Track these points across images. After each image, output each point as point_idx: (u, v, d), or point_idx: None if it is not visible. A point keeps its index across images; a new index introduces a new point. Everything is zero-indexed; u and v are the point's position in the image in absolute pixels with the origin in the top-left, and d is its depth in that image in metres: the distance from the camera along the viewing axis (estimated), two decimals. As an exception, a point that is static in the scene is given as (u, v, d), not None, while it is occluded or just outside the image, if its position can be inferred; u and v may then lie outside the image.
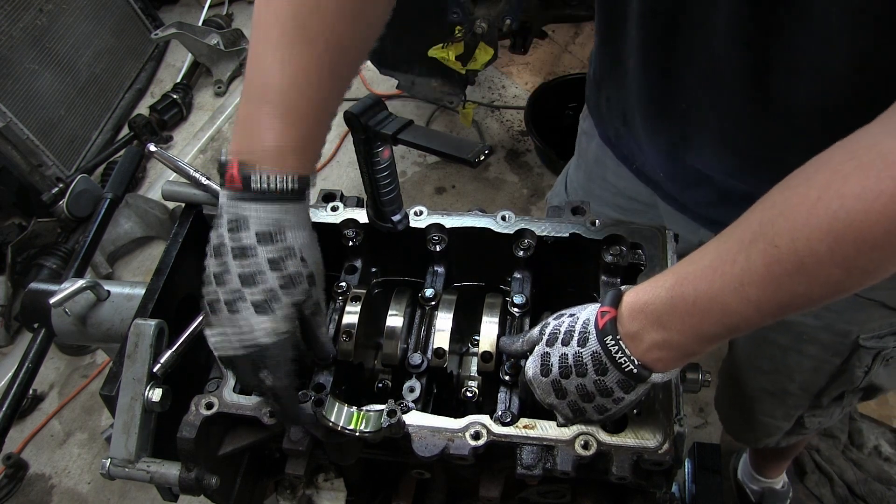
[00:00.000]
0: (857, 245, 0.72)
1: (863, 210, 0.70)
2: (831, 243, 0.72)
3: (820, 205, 0.73)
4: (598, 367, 0.92)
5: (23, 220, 3.31)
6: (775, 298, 0.78)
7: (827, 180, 0.74)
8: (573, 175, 1.69)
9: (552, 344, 0.98)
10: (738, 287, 0.79)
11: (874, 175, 0.70)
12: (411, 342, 1.23)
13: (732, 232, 0.82)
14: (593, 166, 1.56)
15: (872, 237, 0.71)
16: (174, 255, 1.26)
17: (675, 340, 0.86)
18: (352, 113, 1.07)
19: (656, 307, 0.87)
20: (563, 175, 1.77)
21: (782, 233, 0.75)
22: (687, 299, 0.83)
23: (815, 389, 1.55)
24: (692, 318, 0.83)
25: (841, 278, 0.75)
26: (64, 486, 2.77)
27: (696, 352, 0.88)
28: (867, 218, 0.70)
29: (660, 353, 0.88)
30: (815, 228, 0.73)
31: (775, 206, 0.79)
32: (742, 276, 0.78)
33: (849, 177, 0.72)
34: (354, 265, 1.34)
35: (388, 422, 1.00)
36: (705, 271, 0.82)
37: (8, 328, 3.08)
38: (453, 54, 2.76)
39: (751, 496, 2.48)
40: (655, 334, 0.87)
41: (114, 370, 1.15)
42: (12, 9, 3.30)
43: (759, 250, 0.77)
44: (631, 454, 0.99)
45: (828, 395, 1.56)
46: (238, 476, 1.23)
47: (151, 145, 1.31)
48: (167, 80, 4.23)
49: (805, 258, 0.74)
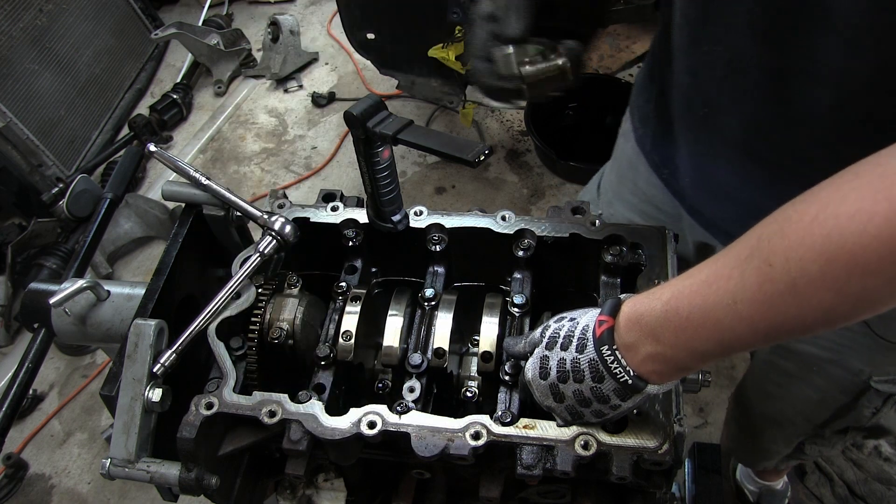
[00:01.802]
0: (848, 269, 0.68)
1: (856, 232, 0.67)
2: (823, 265, 0.69)
3: (815, 224, 0.70)
4: (595, 374, 0.92)
5: (23, 220, 3.31)
6: (767, 318, 0.75)
7: (827, 198, 0.71)
8: (607, 175, 1.68)
9: (551, 347, 0.98)
10: (731, 304, 0.76)
11: (870, 195, 0.67)
12: (411, 342, 1.23)
13: (732, 247, 0.80)
14: (626, 169, 1.54)
15: (865, 261, 0.67)
16: (174, 255, 1.26)
17: (668, 354, 0.85)
18: (352, 113, 1.07)
19: (651, 320, 0.86)
20: (599, 175, 1.75)
21: (777, 251, 0.73)
22: (681, 314, 0.82)
23: (818, 420, 1.51)
24: (685, 332, 0.82)
25: (833, 304, 0.71)
26: (64, 486, 2.77)
27: (691, 367, 0.87)
28: (859, 241, 0.67)
29: (654, 366, 0.87)
30: (808, 248, 0.70)
31: (776, 223, 0.76)
32: (735, 293, 0.76)
33: (847, 196, 0.69)
34: (354, 265, 1.34)
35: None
36: (701, 286, 0.80)
37: (8, 328, 3.08)
38: (453, 54, 2.76)
39: (749, 496, 2.48)
40: (650, 347, 0.86)
41: (114, 370, 1.15)
42: (12, 9, 3.30)
43: (754, 268, 0.75)
44: (631, 454, 0.99)
45: (831, 428, 1.52)
46: (238, 476, 1.23)
47: (151, 145, 1.31)
48: (167, 80, 4.24)
49: (797, 279, 0.71)
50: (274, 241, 1.20)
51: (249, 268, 1.17)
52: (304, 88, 4.08)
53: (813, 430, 1.56)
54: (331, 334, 1.22)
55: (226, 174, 3.74)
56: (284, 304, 1.21)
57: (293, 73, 4.11)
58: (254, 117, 3.99)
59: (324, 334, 1.23)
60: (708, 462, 1.81)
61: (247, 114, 4.02)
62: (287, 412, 1.06)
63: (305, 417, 1.05)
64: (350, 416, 1.05)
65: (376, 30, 2.92)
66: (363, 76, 4.04)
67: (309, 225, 1.30)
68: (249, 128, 3.95)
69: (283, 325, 1.19)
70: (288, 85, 4.09)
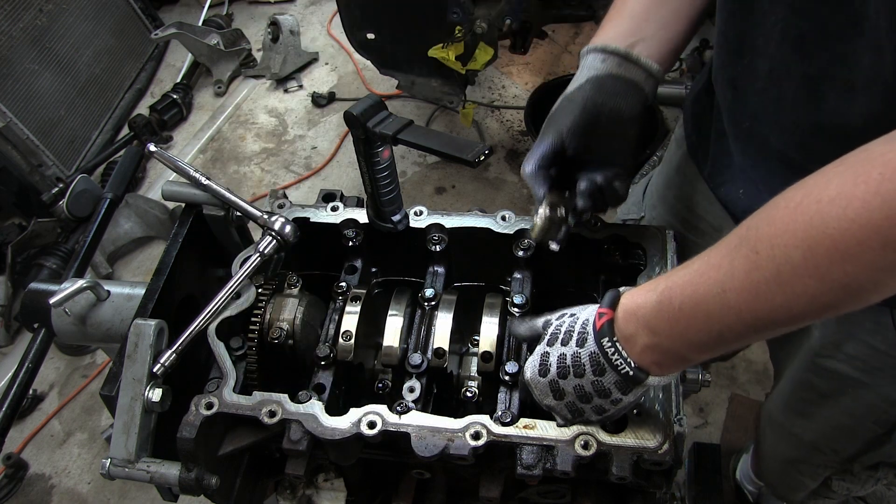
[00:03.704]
0: (829, 255, 0.67)
1: (836, 216, 0.66)
2: (806, 251, 0.69)
3: (799, 210, 0.70)
4: (596, 367, 0.92)
5: (23, 220, 3.30)
6: (754, 307, 0.75)
7: (812, 185, 0.71)
8: (655, 178, 1.67)
9: (552, 344, 0.98)
10: (720, 293, 0.77)
11: (851, 179, 0.67)
12: (411, 342, 1.23)
13: (726, 238, 0.80)
14: (674, 175, 1.53)
15: (845, 246, 0.66)
16: (174, 255, 1.26)
17: (664, 345, 0.86)
18: (352, 113, 1.07)
19: (646, 311, 0.86)
20: (647, 178, 1.73)
21: (763, 238, 0.73)
22: (673, 304, 0.82)
23: (846, 453, 1.48)
24: (679, 323, 0.82)
25: (817, 291, 0.70)
26: (64, 486, 2.77)
27: (690, 358, 0.87)
28: (839, 225, 0.66)
29: (653, 357, 0.88)
30: (792, 234, 0.70)
31: (765, 211, 0.76)
32: (724, 282, 0.76)
33: (830, 181, 0.69)
34: (354, 265, 1.34)
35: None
36: (693, 276, 0.81)
37: (8, 328, 3.08)
38: (453, 54, 2.75)
39: (749, 496, 2.47)
40: (646, 338, 0.87)
41: (114, 370, 1.15)
42: (12, 9, 3.30)
43: (742, 255, 0.75)
44: (631, 454, 0.99)
45: (861, 463, 1.49)
46: (238, 476, 1.23)
47: (151, 145, 1.31)
48: (167, 80, 4.23)
49: (781, 266, 0.71)
50: (274, 241, 1.20)
51: (249, 268, 1.17)
52: (304, 88, 4.08)
53: (841, 465, 1.51)
54: (331, 334, 1.22)
55: (226, 174, 3.74)
56: (284, 304, 1.21)
57: (293, 73, 4.11)
58: (254, 117, 3.99)
59: (324, 334, 1.23)
60: (708, 462, 1.81)
61: (247, 114, 4.02)
62: (287, 412, 1.06)
63: (305, 417, 1.05)
64: (350, 416, 1.05)
65: (376, 30, 2.91)
66: (363, 76, 4.04)
67: (309, 225, 1.30)
68: (249, 128, 3.95)
69: (283, 325, 1.19)
70: (288, 85, 4.09)
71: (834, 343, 1.27)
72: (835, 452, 1.50)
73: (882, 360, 1.23)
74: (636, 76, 1.11)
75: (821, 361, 1.32)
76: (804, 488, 1.67)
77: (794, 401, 1.50)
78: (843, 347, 1.25)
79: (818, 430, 1.48)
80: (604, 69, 1.10)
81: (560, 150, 1.09)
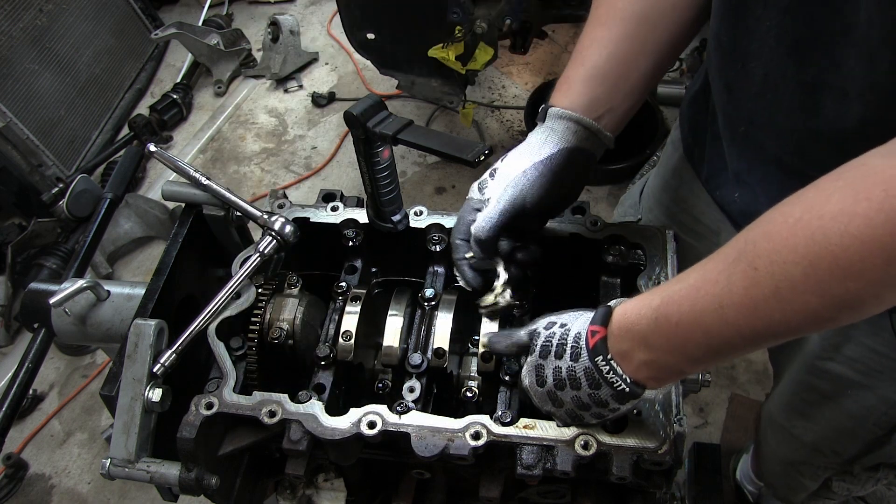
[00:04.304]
0: (831, 271, 0.67)
1: (838, 233, 0.66)
2: (807, 268, 0.68)
3: (799, 226, 0.69)
4: (592, 382, 0.92)
5: (23, 220, 3.30)
6: (753, 323, 0.75)
7: (812, 200, 0.71)
8: (651, 181, 1.67)
9: (545, 356, 0.98)
10: (718, 309, 0.76)
11: (852, 196, 0.66)
12: (411, 342, 1.23)
13: (722, 250, 0.79)
14: (670, 177, 1.53)
15: (847, 263, 0.66)
16: (174, 255, 1.26)
17: (662, 361, 0.85)
18: (352, 113, 1.07)
19: (642, 328, 0.85)
20: (644, 180, 1.74)
21: (762, 254, 0.72)
22: (671, 320, 0.81)
23: (846, 455, 1.48)
24: (676, 339, 0.82)
25: (818, 307, 0.70)
26: (64, 486, 2.77)
27: (686, 371, 0.87)
28: (841, 242, 0.65)
29: (649, 372, 0.88)
30: (792, 251, 0.69)
31: (762, 225, 0.75)
32: (722, 298, 0.75)
33: (831, 197, 0.68)
34: (354, 265, 1.34)
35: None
36: (689, 291, 0.80)
37: (8, 328, 3.08)
38: (453, 54, 2.75)
39: (749, 496, 2.47)
40: (643, 354, 0.86)
41: (114, 370, 1.15)
42: (12, 9, 3.30)
43: (740, 271, 0.74)
44: (631, 454, 0.99)
45: (861, 464, 1.49)
46: (238, 476, 1.23)
47: (151, 145, 1.31)
48: (167, 80, 4.23)
49: (780, 283, 0.70)
50: (274, 241, 1.20)
51: (249, 268, 1.17)
52: (304, 88, 4.07)
53: (842, 466, 1.51)
54: (331, 334, 1.22)
55: (226, 174, 3.73)
56: (284, 304, 1.21)
57: (293, 73, 4.10)
58: (254, 117, 3.99)
59: (324, 334, 1.23)
60: (708, 462, 1.81)
61: (247, 114, 4.02)
62: (287, 412, 1.06)
63: (305, 417, 1.05)
64: (350, 416, 1.05)
65: (376, 30, 2.91)
66: (363, 76, 4.04)
67: (309, 225, 1.30)
68: (249, 128, 3.94)
69: (283, 325, 1.19)
70: (288, 85, 4.09)
71: (833, 346, 1.27)
72: (835, 454, 1.50)
73: (881, 363, 1.23)
74: (597, 149, 1.15)
75: (820, 364, 1.32)
76: (804, 489, 1.67)
77: (794, 402, 1.50)
78: (843, 350, 1.26)
79: (818, 432, 1.48)
80: (574, 141, 1.13)
81: (520, 216, 1.12)
